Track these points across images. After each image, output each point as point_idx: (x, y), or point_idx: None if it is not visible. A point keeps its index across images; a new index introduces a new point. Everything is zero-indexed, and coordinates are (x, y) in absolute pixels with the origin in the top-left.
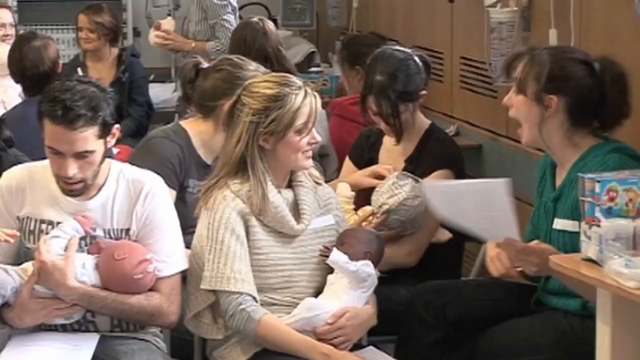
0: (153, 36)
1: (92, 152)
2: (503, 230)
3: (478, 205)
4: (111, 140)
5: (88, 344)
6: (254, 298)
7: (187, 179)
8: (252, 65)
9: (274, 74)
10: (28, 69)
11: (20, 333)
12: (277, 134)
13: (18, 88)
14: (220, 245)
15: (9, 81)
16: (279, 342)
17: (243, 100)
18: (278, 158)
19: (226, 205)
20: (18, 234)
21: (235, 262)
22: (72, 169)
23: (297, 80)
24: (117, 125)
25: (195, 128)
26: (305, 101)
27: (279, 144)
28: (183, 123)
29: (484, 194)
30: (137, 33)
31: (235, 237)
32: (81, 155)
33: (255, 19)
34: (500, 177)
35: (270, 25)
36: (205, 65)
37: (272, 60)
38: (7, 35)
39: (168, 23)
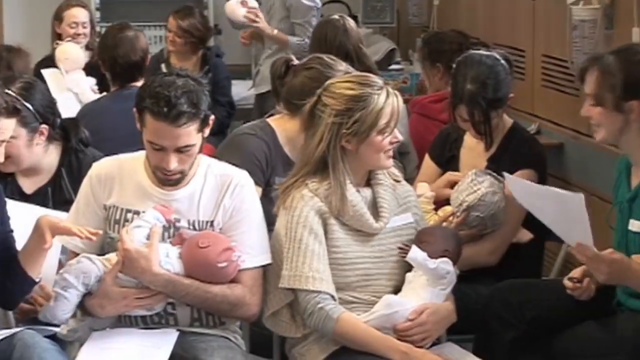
0: (244, 11)
1: (192, 145)
2: (578, 237)
3: (555, 210)
4: (207, 131)
5: (167, 340)
6: (333, 297)
7: (273, 176)
8: (342, 66)
9: (354, 73)
10: (120, 57)
11: (100, 327)
12: (360, 134)
13: (90, 81)
14: (299, 244)
15: (80, 74)
16: (357, 340)
17: (324, 100)
18: (360, 158)
19: (304, 204)
20: (100, 232)
21: (313, 261)
22: (174, 163)
23: (378, 80)
24: (212, 117)
25: (282, 125)
26: (388, 101)
27: (362, 145)
28: (270, 120)
29: (561, 203)
30: (218, 31)
31: (313, 235)
32: (182, 149)
33: (336, 17)
34: (581, 176)
35: (350, 22)
36: (295, 62)
37: (352, 57)
38: (79, 34)
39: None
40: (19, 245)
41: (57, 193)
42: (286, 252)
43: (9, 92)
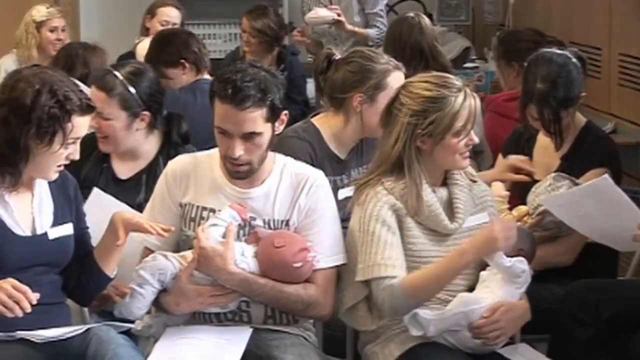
0: (327, 11)
1: (259, 134)
2: (632, 219)
3: (596, 204)
4: (280, 127)
5: (240, 337)
6: None
7: None
8: (384, 58)
9: (433, 73)
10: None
11: (174, 323)
12: (435, 136)
13: None
14: (371, 237)
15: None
16: (430, 279)
17: (401, 99)
18: (435, 159)
19: (378, 200)
20: (173, 228)
21: (385, 250)
22: (239, 150)
23: (456, 82)
24: (285, 112)
25: (326, 123)
26: (465, 103)
27: (437, 146)
28: (314, 119)
29: (594, 194)
30: (292, 28)
31: (386, 227)
32: (248, 137)
33: (411, 15)
34: None
35: (426, 20)
36: (337, 56)
37: (427, 55)
38: None
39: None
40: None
41: (152, 181)
42: (360, 246)
43: (117, 74)
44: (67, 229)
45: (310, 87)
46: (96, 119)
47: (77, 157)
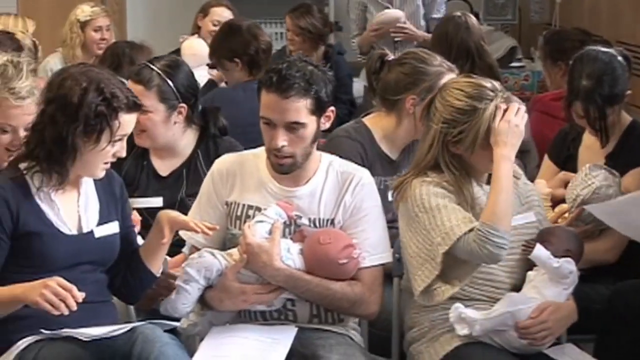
0: (398, 12)
1: (302, 124)
2: None
3: None
4: (326, 123)
5: (286, 336)
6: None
7: (371, 175)
8: (437, 60)
9: (470, 79)
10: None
11: (220, 321)
12: (464, 144)
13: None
14: (437, 210)
15: (203, 71)
16: (498, 200)
17: (437, 103)
18: (472, 163)
19: (427, 184)
20: (218, 227)
21: (456, 213)
22: (282, 140)
23: (490, 92)
24: (332, 108)
25: (378, 123)
26: (496, 118)
27: (471, 153)
28: (365, 119)
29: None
30: (338, 28)
31: (447, 198)
32: (292, 127)
33: (458, 14)
34: None
35: (472, 20)
36: (390, 57)
37: (473, 55)
38: None
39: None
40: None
41: (192, 175)
42: (428, 224)
43: (153, 67)
44: (113, 228)
45: (357, 86)
46: None
47: (123, 154)
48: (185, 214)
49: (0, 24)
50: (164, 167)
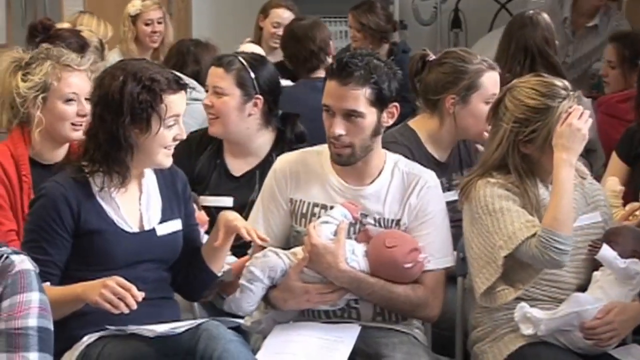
0: None
1: (360, 114)
2: None
3: None
4: (389, 120)
5: (349, 335)
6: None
7: None
8: (477, 59)
9: (541, 78)
10: (293, 47)
11: (283, 319)
12: (537, 144)
13: None
14: (501, 212)
15: None
16: (559, 205)
17: (506, 103)
18: (542, 163)
19: (491, 185)
20: (269, 239)
21: (520, 216)
22: (340, 129)
23: (562, 90)
24: (396, 104)
25: (423, 126)
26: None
27: (541, 153)
28: (410, 122)
29: None
30: (403, 26)
31: (511, 200)
32: (349, 115)
33: (531, 11)
34: None
35: (543, 18)
36: (432, 57)
37: (533, 52)
38: (279, 35)
39: None
40: None
41: (265, 177)
42: (491, 226)
43: (237, 56)
44: (176, 225)
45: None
46: (210, 98)
47: (184, 136)
48: None
49: (83, 24)
50: (237, 166)
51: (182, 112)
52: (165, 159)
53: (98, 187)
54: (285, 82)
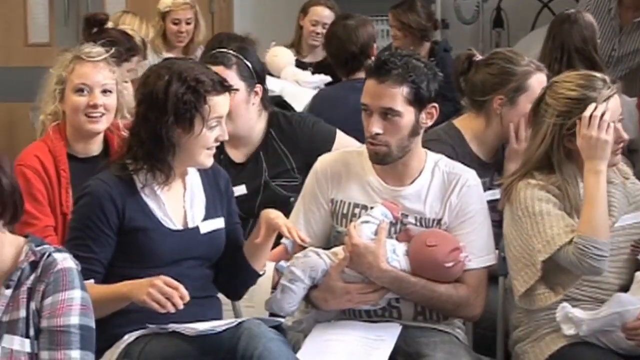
0: None
1: (397, 112)
2: None
3: None
4: (427, 120)
5: (390, 334)
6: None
7: None
8: (524, 60)
9: (578, 72)
10: (340, 46)
11: (324, 318)
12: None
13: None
14: (540, 216)
15: (291, 68)
16: (594, 210)
17: (547, 100)
18: (583, 160)
19: (532, 187)
20: (309, 240)
21: (559, 220)
22: (376, 127)
23: (600, 82)
24: (435, 105)
25: (467, 125)
26: (609, 104)
27: None
28: (455, 121)
29: None
30: (445, 25)
31: (551, 203)
32: (386, 113)
33: (572, 10)
34: None
35: (585, 17)
36: (478, 57)
37: (569, 49)
38: (317, 33)
39: None
40: None
41: (271, 157)
42: (531, 229)
43: (225, 50)
44: (219, 223)
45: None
46: None
47: (225, 137)
48: (272, 197)
49: (126, 23)
50: (239, 154)
51: (225, 113)
52: (207, 160)
53: (142, 183)
54: (320, 77)
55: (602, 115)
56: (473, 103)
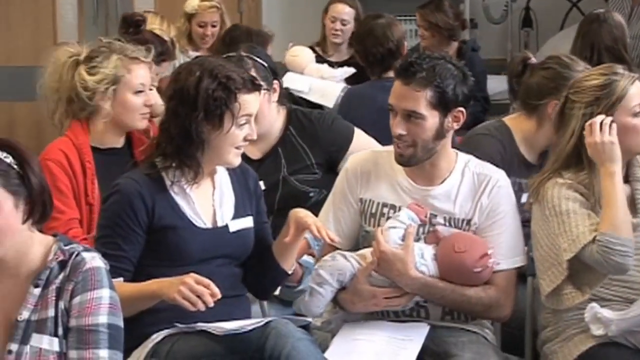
0: None
1: (420, 115)
2: None
3: None
4: (453, 124)
5: (418, 334)
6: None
7: (508, 175)
8: (580, 66)
9: (600, 66)
10: (370, 46)
11: (353, 319)
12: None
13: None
14: (567, 215)
15: (313, 65)
16: (615, 208)
17: (572, 98)
18: (620, 143)
19: (560, 187)
20: (338, 239)
21: (585, 219)
22: (400, 128)
23: (620, 69)
24: (461, 109)
25: (518, 125)
26: (634, 85)
27: (620, 130)
28: (506, 119)
29: None
30: (473, 25)
31: (578, 203)
32: (409, 115)
33: (602, 10)
34: None
35: (615, 18)
36: (533, 60)
37: (599, 48)
38: (337, 30)
39: None
40: None
41: (290, 152)
42: (558, 229)
43: (240, 53)
44: (248, 222)
45: (491, 83)
46: None
47: (254, 137)
48: (291, 192)
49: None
50: (255, 151)
51: (254, 112)
52: (235, 159)
53: (171, 181)
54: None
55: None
56: (526, 105)
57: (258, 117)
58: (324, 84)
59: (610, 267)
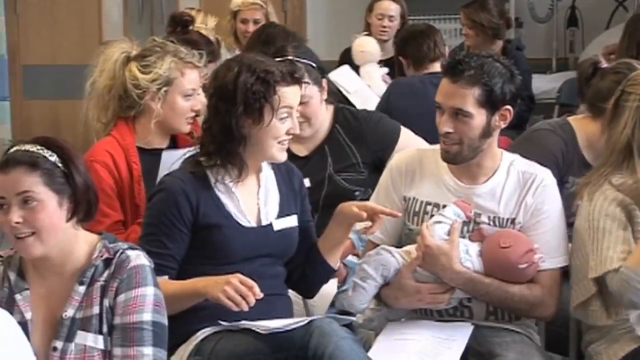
0: None
1: (467, 114)
2: None
3: None
4: (500, 122)
5: (462, 334)
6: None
7: (567, 174)
8: None
9: None
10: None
11: (396, 317)
12: None
13: (382, 71)
14: (602, 233)
15: (373, 67)
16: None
17: (627, 90)
18: None
19: (605, 197)
20: (399, 214)
21: (617, 244)
22: (447, 126)
23: None
24: (509, 107)
25: (583, 127)
26: None
27: None
28: (571, 119)
29: None
30: (519, 24)
31: (616, 222)
32: (456, 113)
33: None
34: None
35: None
36: (604, 64)
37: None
38: (384, 27)
39: None
40: None
41: (337, 150)
42: (590, 244)
43: (290, 58)
44: (292, 221)
45: (536, 82)
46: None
47: (297, 130)
48: (337, 190)
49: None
50: (302, 148)
51: (295, 105)
52: (279, 153)
53: (215, 179)
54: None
55: None
56: (594, 108)
57: (312, 118)
58: (368, 93)
59: (625, 301)
